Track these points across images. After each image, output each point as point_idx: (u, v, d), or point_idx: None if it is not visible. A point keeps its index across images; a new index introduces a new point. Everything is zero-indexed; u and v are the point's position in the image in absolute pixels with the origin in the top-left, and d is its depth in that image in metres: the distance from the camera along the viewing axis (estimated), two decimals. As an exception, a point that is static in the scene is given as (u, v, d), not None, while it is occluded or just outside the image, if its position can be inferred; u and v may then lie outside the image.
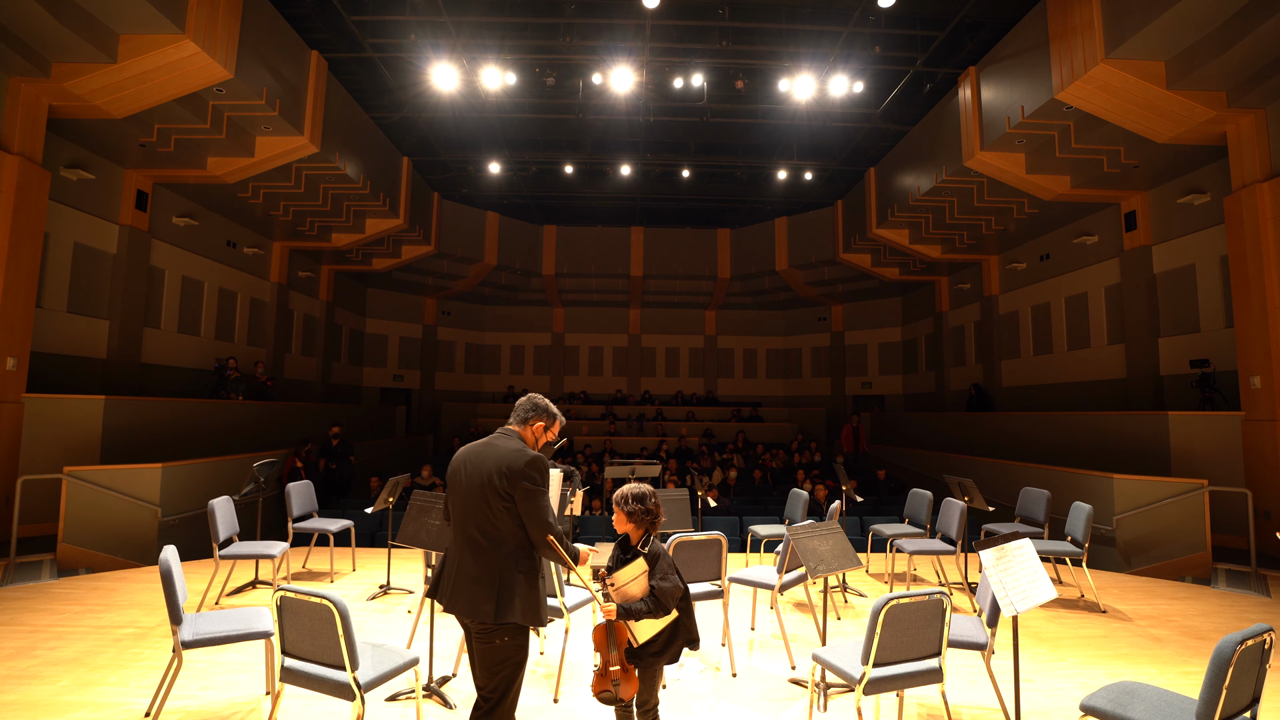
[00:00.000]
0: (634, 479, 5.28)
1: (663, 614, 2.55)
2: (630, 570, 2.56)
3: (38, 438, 7.01)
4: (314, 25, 8.89)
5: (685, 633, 2.66)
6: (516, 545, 2.45)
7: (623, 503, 2.68)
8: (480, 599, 2.38)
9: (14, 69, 6.66)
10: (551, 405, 2.75)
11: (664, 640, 2.61)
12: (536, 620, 2.43)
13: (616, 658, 2.49)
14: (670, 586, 2.55)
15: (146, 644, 4.27)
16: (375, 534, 8.26)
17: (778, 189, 14.39)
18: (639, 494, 2.68)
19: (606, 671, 2.48)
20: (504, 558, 2.43)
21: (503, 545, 2.44)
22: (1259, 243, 7.09)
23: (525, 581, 2.44)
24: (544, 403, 2.73)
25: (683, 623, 2.65)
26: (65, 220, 8.16)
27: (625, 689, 2.48)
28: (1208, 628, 4.87)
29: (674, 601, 2.56)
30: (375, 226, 12.24)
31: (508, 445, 2.54)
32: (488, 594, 2.38)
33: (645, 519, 2.66)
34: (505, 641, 2.40)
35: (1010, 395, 12.42)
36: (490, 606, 2.36)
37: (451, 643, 4.38)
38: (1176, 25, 6.17)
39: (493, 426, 13.22)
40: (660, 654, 2.61)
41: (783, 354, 19.03)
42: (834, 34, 8.84)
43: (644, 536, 2.68)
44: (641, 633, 2.58)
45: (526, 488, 2.42)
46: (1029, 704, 3.54)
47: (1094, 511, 5.53)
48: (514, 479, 2.42)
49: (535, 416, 2.68)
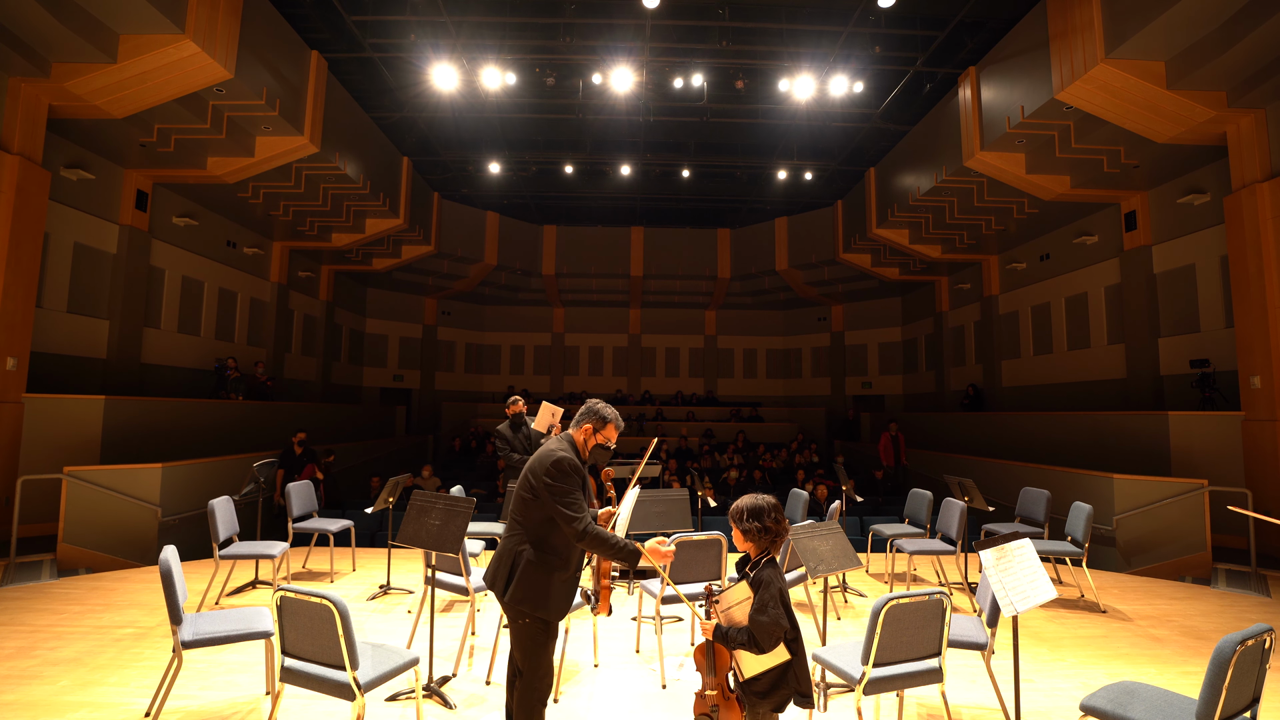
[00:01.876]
0: (633, 479, 5.24)
1: (758, 650, 2.23)
2: (735, 593, 2.35)
3: (38, 438, 7.01)
4: (314, 25, 8.89)
5: (795, 682, 2.28)
6: (536, 535, 2.60)
7: (738, 518, 2.39)
8: (499, 575, 2.62)
9: (14, 69, 6.66)
10: (606, 409, 2.81)
11: (769, 682, 2.28)
12: (534, 606, 2.53)
13: (714, 682, 2.33)
14: (768, 621, 2.21)
15: (146, 644, 4.26)
16: (375, 534, 8.26)
17: (778, 189, 14.39)
18: (755, 509, 2.37)
19: (704, 695, 2.36)
20: (520, 543, 2.61)
21: (524, 533, 2.62)
22: (1259, 243, 7.09)
23: (535, 569, 2.56)
24: (597, 407, 2.82)
25: (794, 668, 2.28)
26: (65, 220, 8.16)
27: (723, 717, 2.31)
28: (1208, 628, 4.87)
29: (772, 641, 2.23)
30: (375, 226, 12.24)
31: (550, 446, 2.68)
32: (504, 572, 2.61)
33: (763, 538, 2.35)
34: (526, 623, 2.57)
35: (1010, 395, 12.42)
36: (502, 584, 2.59)
37: (452, 643, 4.38)
38: (1176, 25, 6.17)
39: (493, 426, 13.16)
40: (764, 695, 2.28)
41: (783, 354, 19.03)
42: (834, 34, 8.84)
43: (759, 557, 2.36)
44: (746, 666, 2.31)
45: (546, 483, 2.55)
46: (1029, 704, 3.54)
47: (1094, 511, 5.53)
48: (538, 476, 2.58)
49: (584, 419, 2.78)
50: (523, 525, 2.63)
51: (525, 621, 2.57)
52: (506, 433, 6.16)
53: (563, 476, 2.54)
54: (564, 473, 2.55)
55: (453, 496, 3.55)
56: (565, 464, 2.57)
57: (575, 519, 2.49)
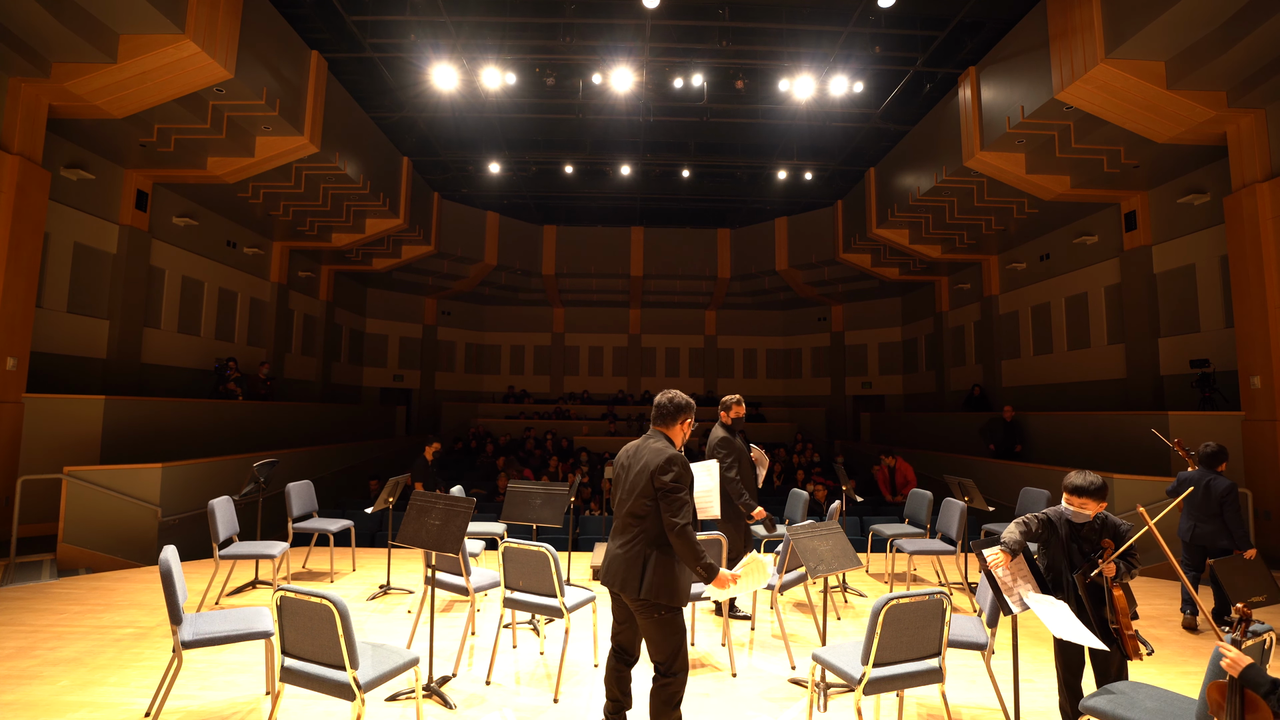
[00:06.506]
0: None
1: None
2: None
3: (38, 438, 7.01)
4: (314, 25, 8.89)
5: None
6: (659, 531, 2.78)
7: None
8: (630, 576, 2.77)
9: (14, 69, 6.66)
10: (687, 397, 3.02)
11: None
12: (669, 598, 2.73)
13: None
14: None
15: (146, 644, 4.27)
16: (375, 534, 8.26)
17: (778, 189, 14.39)
18: None
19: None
20: (648, 541, 2.78)
21: (648, 530, 2.79)
22: (1259, 243, 7.09)
23: (661, 562, 2.75)
24: (684, 400, 3.00)
25: None
26: (65, 220, 8.16)
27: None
28: (1208, 628, 4.87)
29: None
30: (375, 226, 12.24)
31: (654, 446, 2.87)
32: (635, 572, 2.76)
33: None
34: (662, 615, 2.74)
35: (1010, 395, 12.41)
36: (636, 583, 2.74)
37: (452, 643, 4.38)
38: (1176, 25, 6.17)
39: (493, 426, 13.23)
40: None
41: (783, 354, 19.03)
42: (834, 34, 8.84)
43: None
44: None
45: (663, 481, 2.72)
46: (1029, 704, 3.54)
47: (1094, 511, 5.52)
48: (655, 476, 2.75)
49: (684, 415, 2.98)
50: (643, 525, 2.79)
51: (660, 615, 2.73)
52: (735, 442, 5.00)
53: (680, 476, 2.75)
54: (676, 464, 2.75)
55: (453, 496, 3.55)
56: (680, 460, 2.78)
57: (677, 520, 2.68)
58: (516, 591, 3.87)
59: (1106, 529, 2.96)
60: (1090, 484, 2.94)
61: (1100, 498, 2.92)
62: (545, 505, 4.90)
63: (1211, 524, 4.78)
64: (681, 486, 2.73)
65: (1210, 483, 4.79)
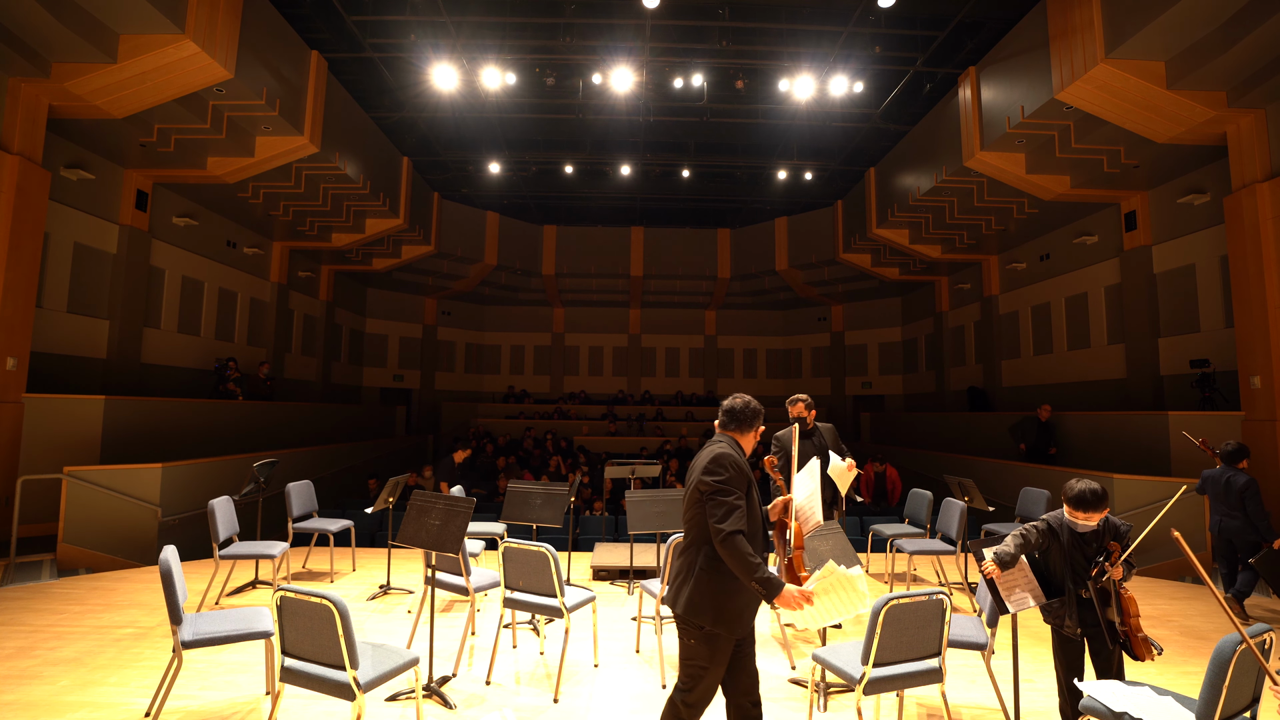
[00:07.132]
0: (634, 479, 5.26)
1: None
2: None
3: (38, 438, 7.01)
4: (314, 25, 8.89)
5: None
6: (707, 540, 2.51)
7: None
8: (676, 590, 2.56)
9: (14, 69, 6.66)
10: (757, 403, 2.77)
11: None
12: (711, 618, 2.43)
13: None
14: None
15: (146, 644, 4.27)
16: (375, 534, 8.26)
17: (777, 189, 14.39)
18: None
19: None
20: (697, 552, 2.53)
21: (697, 540, 2.55)
22: (1259, 243, 7.09)
23: (707, 576, 2.47)
24: (758, 405, 2.75)
25: None
26: (65, 220, 8.16)
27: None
28: (1208, 628, 4.88)
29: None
30: (375, 226, 12.23)
31: (712, 449, 2.59)
32: (678, 584, 2.55)
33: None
34: (692, 644, 2.49)
35: (1010, 395, 12.41)
36: (675, 596, 2.54)
37: (452, 643, 4.38)
38: (1176, 25, 6.16)
39: (493, 426, 13.24)
40: None
41: (783, 354, 19.04)
42: (834, 34, 8.84)
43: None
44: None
45: (706, 483, 2.48)
46: (1029, 704, 3.54)
47: (1094, 511, 5.53)
48: (701, 479, 2.51)
49: (759, 421, 2.73)
50: (692, 536, 2.57)
51: (691, 642, 2.48)
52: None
53: (724, 479, 2.46)
54: (724, 467, 2.48)
55: (453, 496, 3.55)
56: (728, 460, 2.50)
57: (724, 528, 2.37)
58: (516, 591, 3.87)
59: (1108, 531, 2.95)
60: (1093, 495, 2.87)
61: (1102, 506, 2.89)
62: (545, 505, 4.90)
63: (1237, 518, 5.15)
64: (729, 489, 2.44)
65: (1230, 479, 5.18)
